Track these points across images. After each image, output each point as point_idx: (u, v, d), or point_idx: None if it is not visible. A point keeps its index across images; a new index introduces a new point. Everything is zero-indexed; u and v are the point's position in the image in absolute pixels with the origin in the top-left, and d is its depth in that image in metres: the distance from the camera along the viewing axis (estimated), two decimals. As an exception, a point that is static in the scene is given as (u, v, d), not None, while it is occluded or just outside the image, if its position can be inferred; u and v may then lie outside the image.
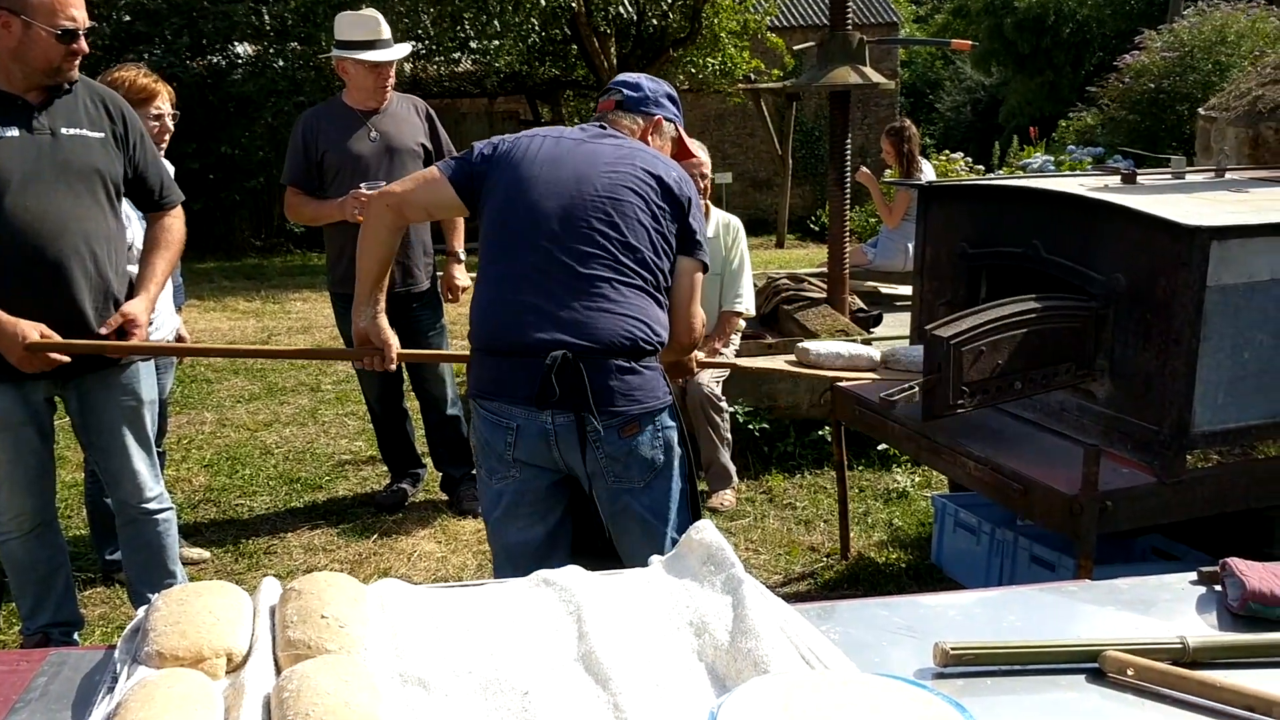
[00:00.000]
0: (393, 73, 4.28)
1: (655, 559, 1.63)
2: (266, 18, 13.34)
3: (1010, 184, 3.57)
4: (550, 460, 2.53)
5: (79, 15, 2.82)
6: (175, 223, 3.22)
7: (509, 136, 2.69)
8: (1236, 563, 1.58)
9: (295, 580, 1.46)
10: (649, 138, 2.78)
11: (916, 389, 2.98)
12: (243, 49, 13.57)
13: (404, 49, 4.37)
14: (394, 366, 2.99)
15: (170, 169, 3.37)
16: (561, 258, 2.47)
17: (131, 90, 3.50)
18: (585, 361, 2.41)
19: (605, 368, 2.43)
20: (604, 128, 2.73)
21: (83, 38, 2.84)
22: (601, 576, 1.58)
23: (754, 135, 17.68)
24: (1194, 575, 1.66)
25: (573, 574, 1.55)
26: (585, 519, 2.69)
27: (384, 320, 2.86)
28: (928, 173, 7.07)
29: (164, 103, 3.68)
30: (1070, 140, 14.81)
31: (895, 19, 20.89)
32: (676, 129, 2.86)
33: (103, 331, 2.95)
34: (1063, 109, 19.00)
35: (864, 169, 6.87)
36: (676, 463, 2.59)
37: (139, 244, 3.33)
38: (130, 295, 3.07)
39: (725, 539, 1.60)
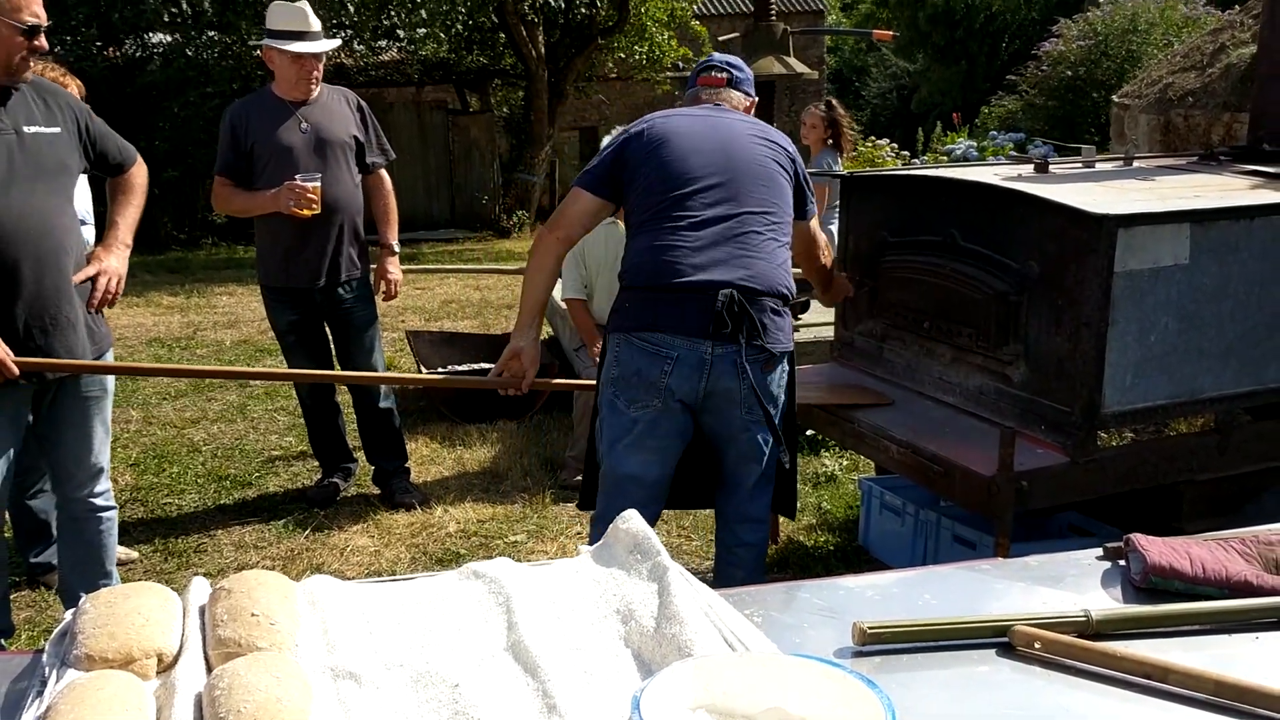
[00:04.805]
0: (320, 66, 4.25)
1: (584, 548, 1.67)
2: (185, 5, 13.02)
3: (928, 174, 3.66)
4: (694, 392, 2.81)
5: (40, 12, 2.79)
6: (135, 170, 3.26)
7: (632, 127, 3.01)
8: (1139, 538, 1.65)
9: (224, 579, 1.47)
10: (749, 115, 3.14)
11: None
12: (159, 38, 13.26)
13: (331, 43, 4.35)
14: (526, 390, 3.16)
15: None
16: (725, 213, 2.82)
17: None
18: (748, 300, 2.75)
19: (763, 307, 2.79)
20: (717, 105, 3.08)
21: (43, 34, 2.80)
22: (530, 568, 1.61)
23: (683, 123, 17.69)
24: (1100, 551, 1.73)
25: (502, 566, 1.58)
26: (693, 474, 2.99)
27: (539, 345, 3.14)
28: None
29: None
30: (992, 126, 15.10)
31: (821, 7, 21.06)
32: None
33: (77, 279, 2.96)
34: (978, 96, 19.32)
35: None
36: (787, 402, 2.96)
37: (93, 243, 3.31)
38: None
39: (657, 526, 1.64)
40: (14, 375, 2.80)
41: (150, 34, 13.19)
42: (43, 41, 2.81)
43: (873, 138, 13.38)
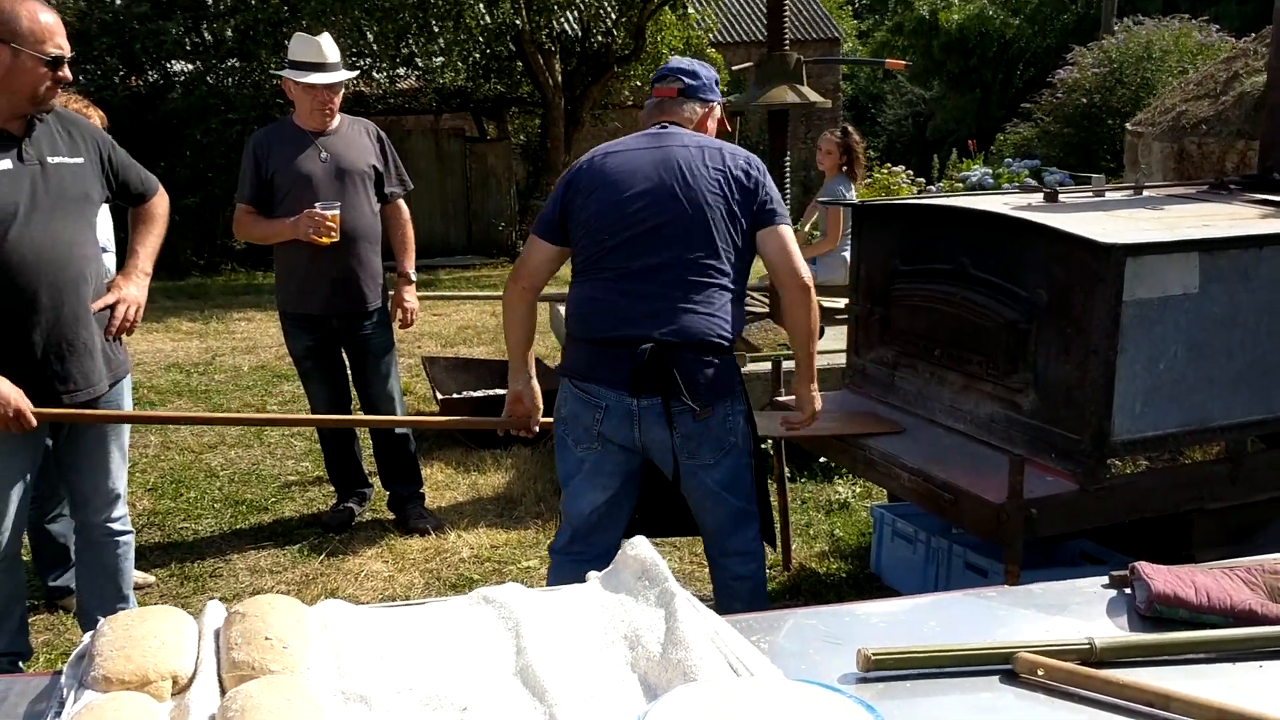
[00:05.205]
0: (337, 97, 4.31)
1: (592, 575, 1.69)
2: (206, 34, 13.22)
3: (939, 203, 3.68)
4: (630, 439, 2.86)
5: (64, 43, 2.84)
6: (157, 199, 3.32)
7: (575, 165, 2.98)
8: (1144, 566, 1.66)
9: (239, 603, 1.50)
10: (707, 123, 3.07)
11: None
12: (181, 66, 13.44)
13: (346, 74, 4.41)
14: (536, 431, 3.23)
15: None
16: (653, 263, 2.79)
17: None
18: (671, 354, 2.75)
19: (688, 360, 2.77)
20: (665, 127, 2.97)
21: (67, 66, 2.85)
22: (539, 593, 1.63)
23: (698, 150, 17.79)
24: (1105, 579, 1.74)
25: (512, 591, 1.60)
26: (667, 502, 3.03)
27: (536, 384, 3.16)
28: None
29: (96, 129, 3.68)
30: (1008, 153, 15.12)
31: (837, 35, 21.20)
32: (720, 109, 3.14)
33: (96, 307, 3.01)
34: (993, 124, 19.37)
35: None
36: (743, 441, 2.91)
37: (113, 270, 3.36)
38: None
39: (669, 553, 1.66)
40: (32, 426, 2.85)
41: (171, 63, 13.37)
42: (67, 73, 2.85)
43: (888, 164, 13.41)
